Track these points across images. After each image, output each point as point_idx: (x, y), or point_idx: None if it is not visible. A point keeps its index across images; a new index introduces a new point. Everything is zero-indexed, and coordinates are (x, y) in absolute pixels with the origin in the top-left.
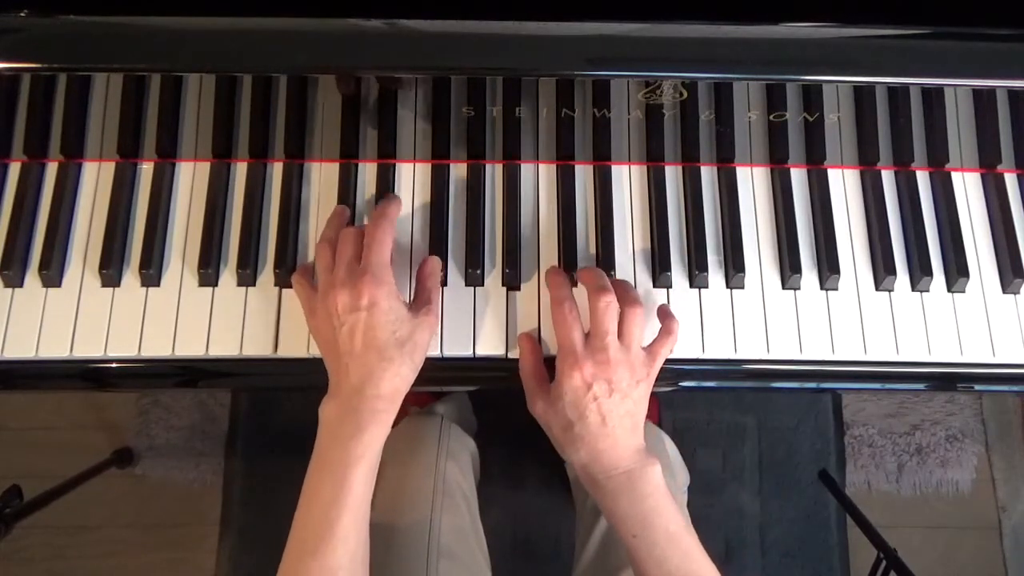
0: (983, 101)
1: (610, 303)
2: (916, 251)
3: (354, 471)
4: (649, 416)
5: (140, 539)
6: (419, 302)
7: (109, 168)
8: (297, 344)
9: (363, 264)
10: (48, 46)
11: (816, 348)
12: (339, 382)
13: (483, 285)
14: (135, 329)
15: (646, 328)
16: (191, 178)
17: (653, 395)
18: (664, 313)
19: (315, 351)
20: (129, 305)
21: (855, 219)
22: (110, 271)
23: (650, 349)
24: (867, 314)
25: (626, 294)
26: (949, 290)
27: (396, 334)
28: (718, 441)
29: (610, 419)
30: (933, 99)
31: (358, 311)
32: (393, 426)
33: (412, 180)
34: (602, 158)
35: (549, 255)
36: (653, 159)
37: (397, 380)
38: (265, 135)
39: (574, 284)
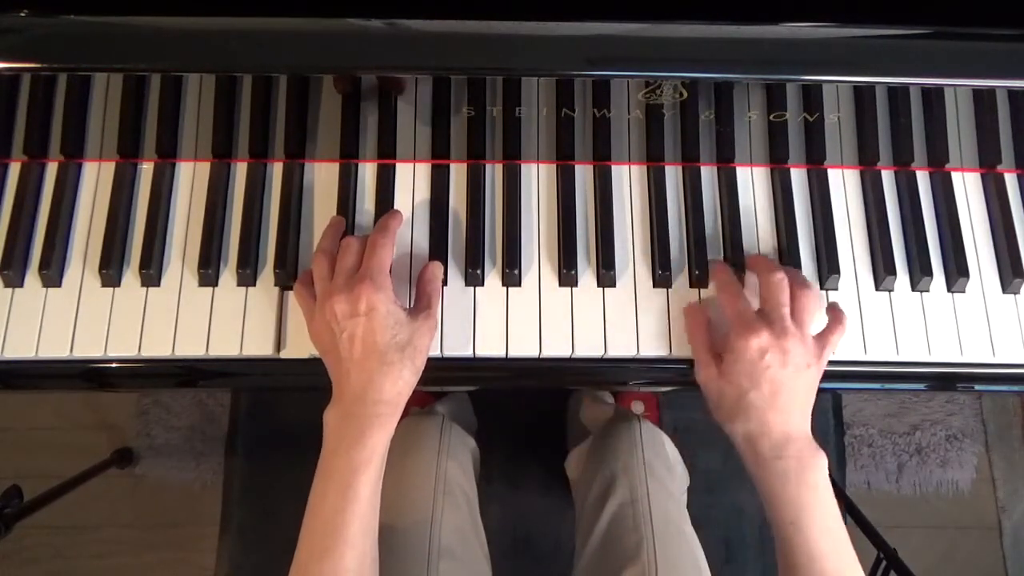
0: (983, 101)
1: (783, 279)
2: (916, 251)
3: (359, 478)
4: (649, 416)
5: (140, 539)
6: (419, 306)
7: (109, 168)
8: (297, 344)
9: (361, 270)
10: (48, 46)
11: None
12: (341, 389)
13: (483, 285)
14: (135, 329)
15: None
16: (191, 178)
17: (652, 395)
18: (832, 307)
19: (315, 351)
20: (129, 305)
21: (855, 219)
22: (110, 271)
23: (821, 336)
24: (867, 314)
25: (797, 276)
26: (949, 290)
27: (396, 338)
28: (718, 441)
29: (783, 392)
30: (933, 99)
31: (357, 317)
32: None
33: (412, 180)
34: (602, 158)
35: (549, 255)
36: (653, 159)
37: (399, 384)
38: (265, 135)
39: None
